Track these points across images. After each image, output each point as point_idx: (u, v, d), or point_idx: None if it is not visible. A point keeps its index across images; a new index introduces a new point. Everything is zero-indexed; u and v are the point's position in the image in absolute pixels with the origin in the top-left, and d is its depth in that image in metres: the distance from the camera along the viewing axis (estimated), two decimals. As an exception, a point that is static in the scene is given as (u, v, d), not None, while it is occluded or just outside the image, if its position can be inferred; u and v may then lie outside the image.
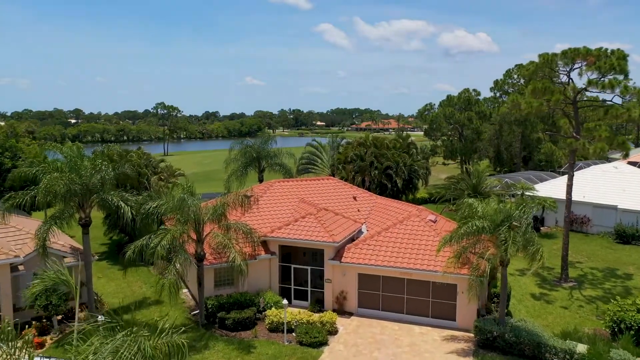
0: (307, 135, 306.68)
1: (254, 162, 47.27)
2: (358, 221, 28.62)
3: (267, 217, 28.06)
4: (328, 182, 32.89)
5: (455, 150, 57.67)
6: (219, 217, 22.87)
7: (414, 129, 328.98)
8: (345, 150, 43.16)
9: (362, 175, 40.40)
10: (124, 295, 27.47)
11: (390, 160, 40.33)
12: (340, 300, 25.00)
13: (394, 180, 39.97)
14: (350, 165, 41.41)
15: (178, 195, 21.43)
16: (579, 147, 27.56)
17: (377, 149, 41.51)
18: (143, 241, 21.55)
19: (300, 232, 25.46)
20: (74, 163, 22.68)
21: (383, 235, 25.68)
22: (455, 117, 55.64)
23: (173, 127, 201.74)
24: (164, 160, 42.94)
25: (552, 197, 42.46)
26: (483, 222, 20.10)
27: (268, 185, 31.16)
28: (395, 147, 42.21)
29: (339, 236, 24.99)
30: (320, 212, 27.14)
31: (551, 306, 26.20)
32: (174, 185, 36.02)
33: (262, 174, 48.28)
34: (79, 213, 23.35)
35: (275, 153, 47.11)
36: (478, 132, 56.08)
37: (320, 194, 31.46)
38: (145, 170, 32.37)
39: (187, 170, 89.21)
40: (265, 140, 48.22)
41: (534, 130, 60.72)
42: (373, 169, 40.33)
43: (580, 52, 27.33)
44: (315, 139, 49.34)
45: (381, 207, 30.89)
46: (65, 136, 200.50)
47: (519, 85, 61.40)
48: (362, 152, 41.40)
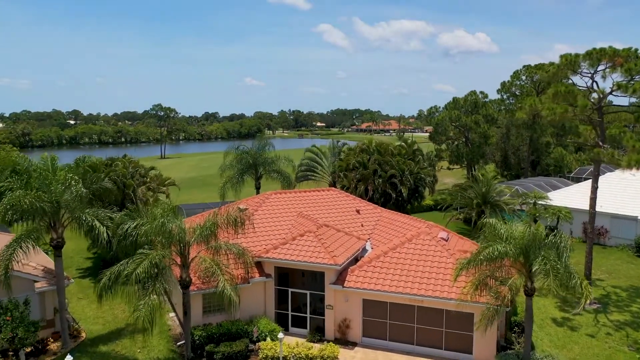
0: (307, 136, 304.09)
1: (251, 169, 44.83)
2: (362, 238, 26.11)
3: (262, 234, 25.56)
4: (329, 194, 30.39)
5: (461, 155, 55.16)
6: (207, 238, 20.33)
7: (415, 129, 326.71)
8: (347, 157, 40.64)
9: (364, 184, 37.89)
10: (105, 321, 24.95)
11: (395, 168, 37.82)
12: (343, 329, 22.50)
13: (399, 189, 37.47)
14: (353, 173, 38.90)
15: (158, 218, 18.84)
16: (606, 157, 25.02)
17: (381, 155, 39.00)
18: (120, 266, 19.02)
19: (298, 253, 22.97)
20: (44, 178, 20.19)
21: (390, 255, 23.18)
22: (462, 120, 53.13)
23: (171, 128, 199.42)
24: (154, 167, 40.41)
25: (567, 206, 39.97)
26: (507, 247, 17.59)
27: (264, 198, 28.66)
28: (400, 153, 39.67)
29: (341, 257, 22.49)
30: (321, 228, 24.65)
31: (576, 334, 23.68)
32: (154, 202, 33.60)
33: (259, 181, 45.82)
34: (50, 233, 20.87)
35: (272, 159, 44.63)
36: (485, 136, 53.56)
37: (321, 207, 28.96)
38: (130, 181, 29.82)
39: (184, 175, 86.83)
40: (262, 145, 45.75)
41: (543, 134, 58.18)
42: (377, 177, 37.81)
43: (607, 53, 24.83)
44: (315, 145, 46.80)
45: (386, 221, 28.39)
46: (62, 138, 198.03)
47: (527, 87, 58.92)
48: (365, 159, 38.88)
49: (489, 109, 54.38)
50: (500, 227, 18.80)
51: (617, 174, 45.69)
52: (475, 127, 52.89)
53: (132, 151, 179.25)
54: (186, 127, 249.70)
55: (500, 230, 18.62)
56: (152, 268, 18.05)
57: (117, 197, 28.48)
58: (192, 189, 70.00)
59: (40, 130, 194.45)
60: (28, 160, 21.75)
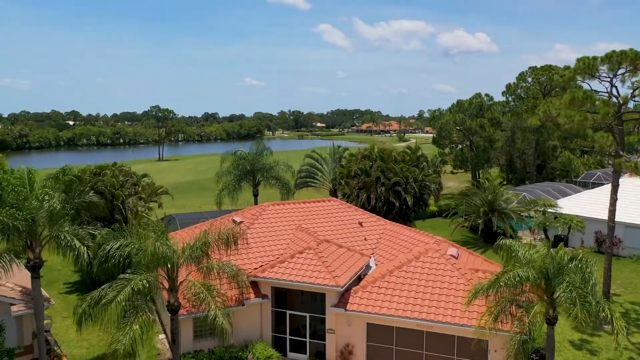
0: (307, 137, 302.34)
1: (248, 176, 43.19)
2: (365, 254, 24.42)
3: (259, 250, 23.86)
4: (329, 205, 28.68)
5: (466, 159, 53.49)
6: (197, 259, 18.64)
7: (415, 130, 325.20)
8: (348, 164, 38.94)
9: (367, 192, 36.20)
10: (90, 344, 23.25)
11: (399, 176, 36.13)
12: (346, 355, 20.81)
13: (403, 197, 35.78)
14: (354, 181, 37.21)
15: (147, 239, 17.18)
16: (630, 169, 23.30)
17: (384, 162, 37.30)
18: (102, 291, 17.32)
19: (297, 272, 21.29)
20: (17, 193, 18.49)
21: (396, 275, 21.49)
22: (467, 124, 51.46)
23: (170, 130, 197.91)
24: (147, 175, 38.70)
25: (578, 214, 38.27)
26: (528, 272, 15.88)
27: (260, 210, 26.96)
28: (404, 160, 37.98)
29: (343, 277, 20.80)
30: (321, 244, 22.97)
31: (596, 358, 21.98)
32: (146, 212, 31.91)
33: (257, 188, 44.15)
34: (27, 253, 19.17)
35: (271, 165, 42.96)
36: (491, 140, 51.88)
37: (321, 219, 27.27)
38: (119, 192, 28.10)
39: (180, 179, 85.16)
40: (260, 150, 44.08)
41: (550, 137, 56.51)
42: (379, 185, 36.12)
43: (628, 56, 23.12)
44: (315, 150, 45.10)
45: (391, 234, 26.69)
46: (59, 140, 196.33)
47: (533, 89, 57.23)
48: (367, 166, 37.19)
49: (494, 112, 52.69)
50: (518, 248, 17.08)
51: (630, 181, 44.01)
52: (480, 131, 51.21)
53: (130, 153, 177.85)
54: (185, 128, 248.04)
55: (518, 253, 16.91)
56: (135, 295, 16.34)
57: (105, 209, 26.75)
58: (189, 194, 68.32)
59: (37, 132, 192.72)
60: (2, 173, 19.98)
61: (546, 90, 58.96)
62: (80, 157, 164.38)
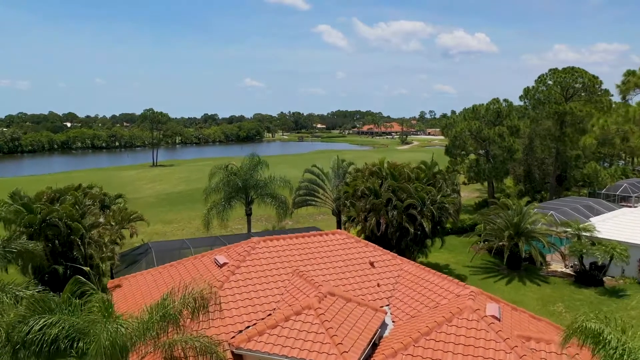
0: (307, 139, 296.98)
1: (240, 193, 38.21)
2: (380, 309, 19.33)
3: (245, 306, 18.78)
4: (333, 240, 23.61)
5: (482, 172, 48.43)
6: (154, 337, 13.63)
7: (417, 132, 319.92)
8: (354, 182, 33.87)
9: (376, 216, 31.15)
10: None
11: (414, 197, 31.06)
12: None
13: (419, 222, 30.71)
14: (361, 202, 32.15)
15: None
16: None
17: (396, 180, 32.22)
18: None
19: (292, 343, 16.19)
20: None
21: (422, 345, 16.39)
22: (483, 132, 46.39)
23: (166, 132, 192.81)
24: (122, 196, 33.73)
25: (618, 240, 33.25)
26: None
27: (249, 248, 21.88)
28: (419, 177, 32.90)
29: (353, 352, 15.72)
30: (324, 300, 17.89)
31: None
32: (115, 242, 26.87)
33: (250, 206, 39.22)
34: None
35: (265, 182, 37.97)
36: (510, 151, 46.80)
37: (323, 259, 22.20)
38: (77, 225, 23.03)
39: (171, 188, 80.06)
40: (254, 164, 39.13)
41: (574, 147, 51.45)
42: (391, 207, 31.04)
43: None
44: (316, 165, 40.01)
45: (410, 278, 21.62)
46: (53, 143, 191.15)
47: (555, 93, 52.14)
48: (376, 185, 32.12)
49: (513, 119, 47.60)
50: (607, 334, 11.98)
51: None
52: (499, 140, 46.13)
53: (126, 157, 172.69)
54: (182, 131, 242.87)
55: (609, 340, 11.81)
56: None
57: (44, 258, 21.59)
58: (179, 206, 63.24)
59: (30, 135, 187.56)
60: None
61: (568, 94, 53.91)
62: (73, 162, 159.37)
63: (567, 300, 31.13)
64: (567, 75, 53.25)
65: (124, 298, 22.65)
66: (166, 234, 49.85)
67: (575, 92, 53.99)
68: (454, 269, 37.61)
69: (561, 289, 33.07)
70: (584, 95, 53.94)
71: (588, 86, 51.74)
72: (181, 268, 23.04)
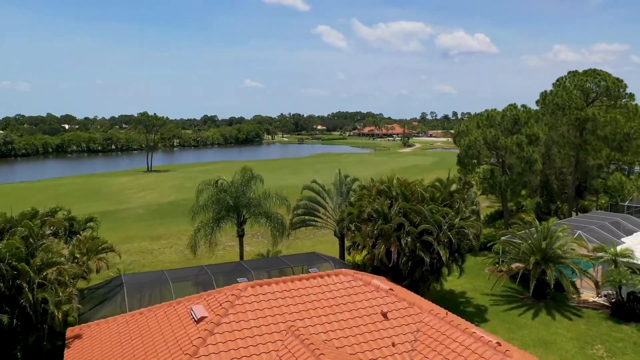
0: (308, 141, 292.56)
1: (231, 212, 34.11)
2: (398, 383, 15.18)
3: (225, 382, 14.67)
4: (337, 284, 19.46)
5: (498, 184, 44.22)
6: None
7: (419, 134, 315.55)
8: (359, 202, 29.71)
9: (386, 244, 27.00)
10: None
11: (429, 221, 26.93)
12: None
13: (436, 250, 26.57)
14: (368, 226, 28.00)
15: None
16: None
17: (407, 201, 28.06)
18: None
19: None
20: None
21: None
22: (500, 142, 42.18)
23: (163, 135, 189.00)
24: (94, 219, 29.56)
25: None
26: None
27: (233, 297, 17.73)
28: (434, 197, 28.73)
29: None
30: (327, 378, 13.76)
31: None
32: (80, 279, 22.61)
33: (242, 227, 35.11)
34: None
35: (259, 200, 33.87)
36: (529, 162, 42.59)
37: (325, 309, 18.06)
38: (24, 266, 18.85)
39: (162, 198, 75.78)
40: (247, 180, 35.02)
41: (597, 156, 47.33)
42: (403, 233, 26.88)
43: None
44: (316, 180, 35.75)
45: (432, 335, 17.45)
46: (47, 146, 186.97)
47: (577, 98, 47.93)
48: (385, 207, 27.96)
49: (532, 127, 43.37)
50: None
51: None
52: (517, 150, 41.91)
53: (121, 161, 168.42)
54: (180, 133, 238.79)
55: None
56: None
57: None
58: (168, 219, 59.05)
59: (24, 139, 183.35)
60: None
61: (590, 99, 49.71)
62: (67, 166, 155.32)
63: (607, 340, 26.93)
64: (588, 78, 49.02)
65: (80, 354, 18.59)
66: (153, 252, 45.75)
67: (597, 96, 49.80)
68: (471, 298, 33.47)
69: (597, 324, 28.87)
70: (605, 99, 49.79)
71: (612, 90, 47.51)
72: (151, 319, 18.92)
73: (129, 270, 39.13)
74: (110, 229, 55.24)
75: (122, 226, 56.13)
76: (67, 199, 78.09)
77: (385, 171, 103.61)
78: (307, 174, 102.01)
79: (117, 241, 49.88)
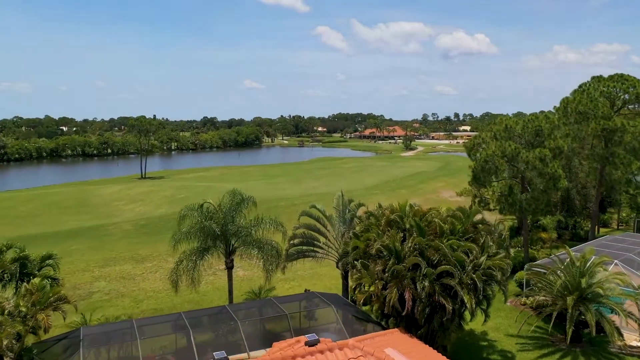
0: (308, 143, 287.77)
1: (219, 241, 29.76)
2: None
3: None
4: (343, 365, 15.04)
5: (518, 203, 39.69)
6: None
7: (421, 136, 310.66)
8: (366, 234, 25.30)
9: (398, 287, 22.57)
10: None
11: (449, 259, 22.52)
12: None
13: (460, 296, 22.18)
14: (377, 265, 23.59)
15: None
16: None
17: (423, 235, 23.65)
18: None
19: None
20: None
21: None
22: (521, 156, 37.71)
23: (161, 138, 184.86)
24: (53, 257, 25.11)
25: None
26: None
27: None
28: (454, 230, 24.31)
29: None
30: None
31: None
32: None
33: (231, 258, 30.76)
34: None
35: (250, 228, 29.55)
36: (554, 178, 38.11)
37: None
38: None
39: (152, 211, 71.17)
40: (237, 203, 30.68)
41: (628, 170, 42.95)
42: (419, 275, 22.47)
43: None
44: (315, 205, 31.23)
45: None
46: (41, 151, 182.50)
47: (603, 106, 43.50)
48: (397, 243, 23.53)
49: (557, 139, 38.89)
50: None
51: None
52: (540, 165, 37.44)
53: (116, 167, 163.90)
54: (178, 136, 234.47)
55: None
56: None
57: None
58: (156, 236, 54.58)
59: (17, 143, 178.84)
60: None
61: (616, 107, 45.34)
62: (60, 172, 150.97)
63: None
64: (615, 85, 44.68)
65: None
66: (135, 278, 41.32)
67: (624, 103, 45.45)
68: (495, 341, 29.02)
69: (647, 379, 24.47)
70: (632, 107, 45.49)
71: (642, 97, 43.20)
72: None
73: (101, 304, 34.85)
74: (93, 248, 50.94)
75: (105, 245, 51.75)
76: (53, 210, 73.84)
77: (389, 178, 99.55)
78: (307, 182, 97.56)
79: (98, 263, 45.62)
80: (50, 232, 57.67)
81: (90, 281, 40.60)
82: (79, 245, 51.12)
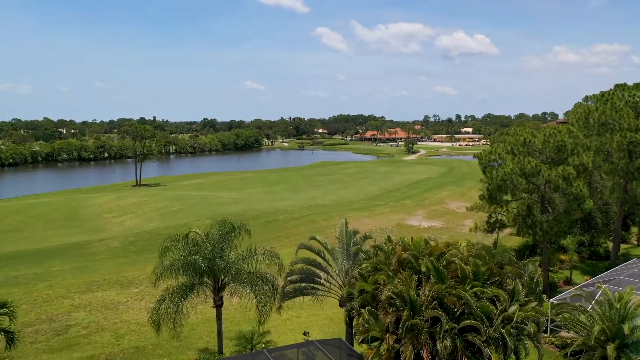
0: (308, 146, 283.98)
1: (206, 277, 26.28)
2: None
3: None
4: None
5: (538, 225, 36.15)
6: None
7: (422, 138, 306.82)
8: (375, 275, 21.78)
9: (414, 344, 19.01)
10: None
11: (474, 311, 18.97)
12: None
13: (487, 355, 18.62)
14: (389, 316, 20.05)
15: None
16: None
17: (442, 281, 20.10)
18: None
19: None
20: None
21: None
22: (543, 174, 34.19)
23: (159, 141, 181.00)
24: (7, 304, 21.58)
25: None
26: None
27: None
28: (478, 272, 20.76)
29: None
30: None
31: None
32: None
33: (220, 295, 27.25)
34: None
35: (239, 267, 26.03)
36: (578, 199, 34.60)
37: None
38: None
39: (142, 225, 67.36)
40: (227, 232, 27.25)
41: (656, 188, 39.45)
42: (439, 331, 18.91)
43: None
44: (315, 237, 27.63)
45: None
46: (36, 155, 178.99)
47: (629, 117, 39.99)
48: (410, 288, 19.99)
49: (581, 156, 35.33)
50: None
51: None
52: (564, 185, 33.90)
53: (112, 173, 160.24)
54: (177, 140, 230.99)
55: None
56: None
57: None
58: (145, 254, 50.98)
59: (11, 147, 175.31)
60: None
61: (641, 117, 41.81)
62: (54, 178, 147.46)
63: None
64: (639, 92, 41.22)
65: None
66: (119, 307, 37.75)
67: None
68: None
69: None
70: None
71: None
72: None
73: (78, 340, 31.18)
74: (76, 270, 47.38)
75: (90, 265, 48.17)
76: (38, 223, 70.28)
77: (392, 187, 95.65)
78: (307, 191, 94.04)
79: (79, 288, 41.98)
80: (31, 250, 54.08)
81: (68, 311, 37.02)
82: (61, 266, 47.55)
